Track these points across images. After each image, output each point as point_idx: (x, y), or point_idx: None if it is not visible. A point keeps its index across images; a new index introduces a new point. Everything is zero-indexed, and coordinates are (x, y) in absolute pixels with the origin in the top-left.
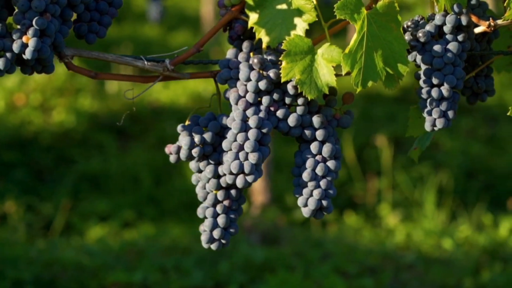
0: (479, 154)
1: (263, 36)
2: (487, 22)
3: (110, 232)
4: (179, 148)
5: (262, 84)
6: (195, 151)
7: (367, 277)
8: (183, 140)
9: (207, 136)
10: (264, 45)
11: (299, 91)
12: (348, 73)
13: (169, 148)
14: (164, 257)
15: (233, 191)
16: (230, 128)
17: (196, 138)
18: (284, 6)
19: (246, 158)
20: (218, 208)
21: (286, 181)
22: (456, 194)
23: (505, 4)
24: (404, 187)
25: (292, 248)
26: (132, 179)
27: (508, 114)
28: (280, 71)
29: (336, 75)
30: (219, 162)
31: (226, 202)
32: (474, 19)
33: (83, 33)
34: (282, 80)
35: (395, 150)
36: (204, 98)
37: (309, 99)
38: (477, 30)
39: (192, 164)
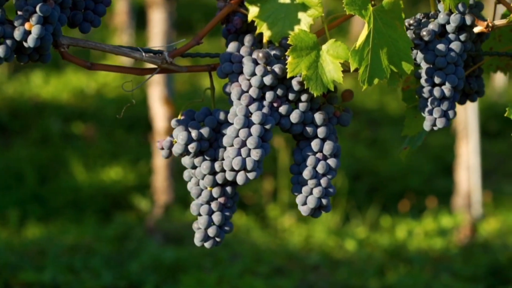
0: (364, 157)
1: (265, 30)
2: (485, 23)
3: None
4: (171, 142)
5: (267, 79)
6: (191, 147)
7: (277, 278)
8: (180, 135)
9: (204, 131)
10: (265, 40)
11: (305, 87)
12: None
13: (161, 143)
14: (69, 257)
15: (228, 188)
16: (227, 124)
17: (193, 133)
18: (287, 0)
19: (249, 155)
20: (213, 206)
21: None
22: (345, 196)
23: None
24: None
25: (202, 248)
26: (15, 176)
27: (506, 115)
28: (286, 66)
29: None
30: (214, 159)
31: (221, 200)
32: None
33: (78, 22)
34: (289, 75)
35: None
36: (87, 95)
37: (315, 95)
38: (475, 30)
39: (186, 160)
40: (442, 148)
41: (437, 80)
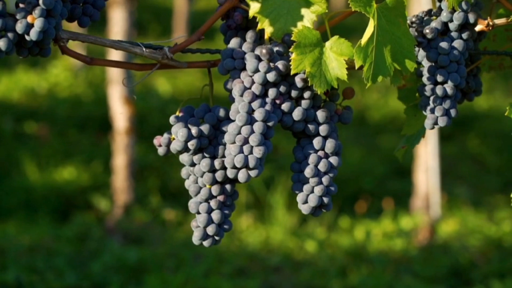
0: None
1: (267, 27)
2: (486, 21)
3: None
4: (169, 139)
5: (270, 76)
6: (191, 144)
7: (240, 279)
8: (179, 131)
9: (204, 128)
10: (266, 36)
11: (309, 84)
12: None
13: (158, 140)
14: (30, 257)
15: (228, 186)
16: (227, 121)
17: (193, 130)
18: None
19: (251, 152)
20: (213, 204)
21: (152, 181)
22: None
23: None
24: (257, 189)
25: (164, 249)
26: None
27: (506, 114)
28: (290, 63)
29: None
30: (213, 156)
31: (220, 198)
32: None
33: (77, 16)
34: (292, 72)
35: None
36: (38, 94)
37: (318, 92)
38: (476, 29)
39: (185, 157)
40: (392, 150)
41: (439, 78)
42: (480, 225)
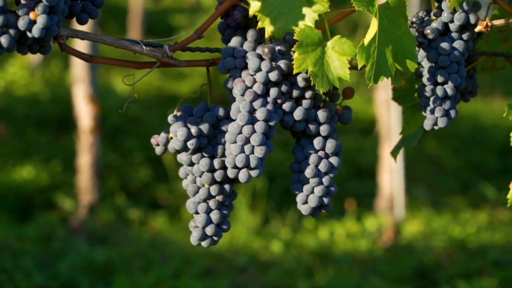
0: (277, 159)
1: (267, 26)
2: (484, 22)
3: None
4: (167, 139)
5: (273, 75)
6: (191, 143)
7: (208, 279)
8: (179, 131)
9: (204, 127)
10: (267, 35)
11: (311, 84)
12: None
13: (156, 139)
14: None
15: (226, 186)
16: (227, 120)
17: (193, 129)
18: None
19: (252, 152)
20: (211, 204)
21: (112, 181)
22: (265, 197)
23: None
24: None
25: (131, 249)
26: None
27: (504, 115)
28: (292, 62)
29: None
30: (212, 155)
31: (219, 198)
32: None
33: (76, 13)
34: (295, 71)
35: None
36: None
37: (321, 92)
38: (475, 29)
39: (183, 157)
40: (352, 152)
41: (439, 79)
42: (444, 226)
